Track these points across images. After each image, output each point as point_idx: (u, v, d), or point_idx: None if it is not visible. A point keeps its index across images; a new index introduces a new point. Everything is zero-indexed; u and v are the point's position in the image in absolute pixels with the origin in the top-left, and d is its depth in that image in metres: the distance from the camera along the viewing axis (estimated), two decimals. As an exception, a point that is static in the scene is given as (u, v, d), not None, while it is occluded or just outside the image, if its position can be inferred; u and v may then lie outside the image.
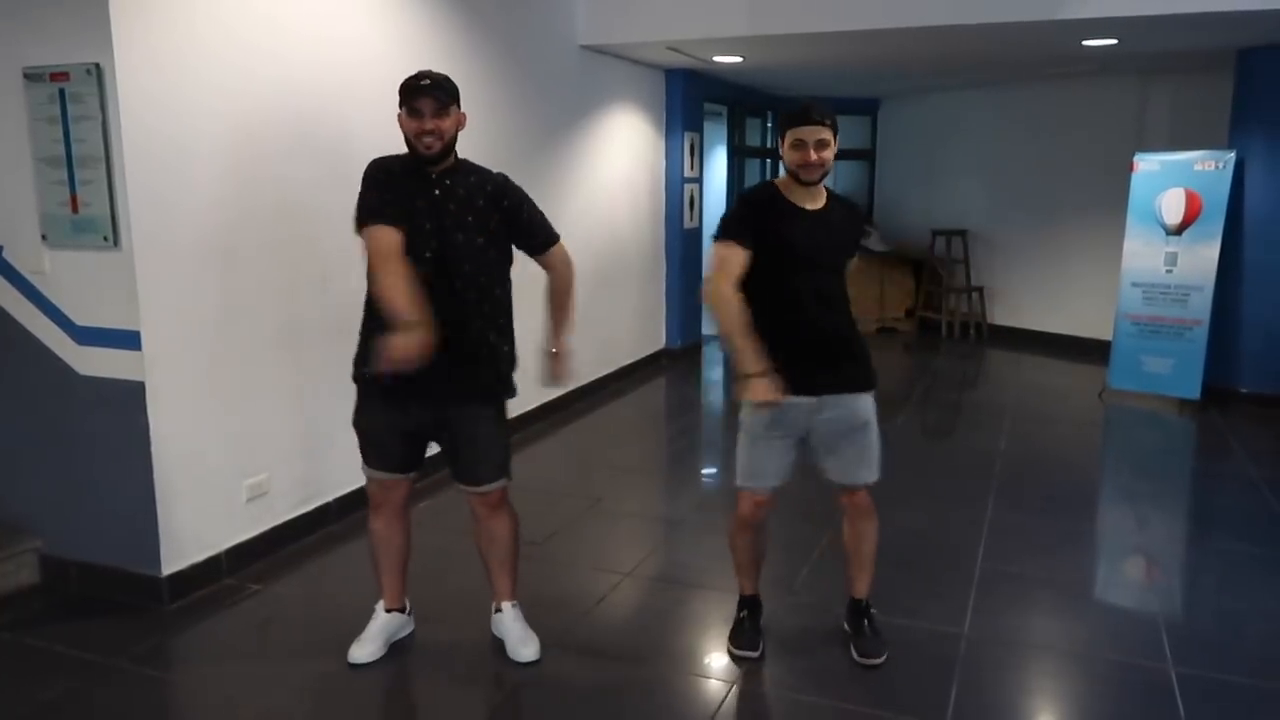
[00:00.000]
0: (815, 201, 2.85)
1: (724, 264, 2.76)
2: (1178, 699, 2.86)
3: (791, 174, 2.80)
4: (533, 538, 4.07)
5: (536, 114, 5.72)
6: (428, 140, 2.67)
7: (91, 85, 3.10)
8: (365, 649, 3.00)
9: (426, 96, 2.66)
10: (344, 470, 3.76)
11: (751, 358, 2.67)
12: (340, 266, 2.88)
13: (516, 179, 5.75)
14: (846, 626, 3.17)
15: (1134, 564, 4.12)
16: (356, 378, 2.86)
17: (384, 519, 3.00)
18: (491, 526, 3.00)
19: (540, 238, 2.93)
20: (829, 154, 2.75)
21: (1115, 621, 3.51)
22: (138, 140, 3.14)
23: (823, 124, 2.72)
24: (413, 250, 2.66)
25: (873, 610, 3.14)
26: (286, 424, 3.81)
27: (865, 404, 2.91)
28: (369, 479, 2.95)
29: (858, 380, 2.91)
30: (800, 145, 2.72)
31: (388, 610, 3.07)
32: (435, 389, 2.75)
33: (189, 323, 3.37)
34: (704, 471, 5.42)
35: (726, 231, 2.80)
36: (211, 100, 3.39)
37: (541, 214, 2.94)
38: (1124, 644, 3.24)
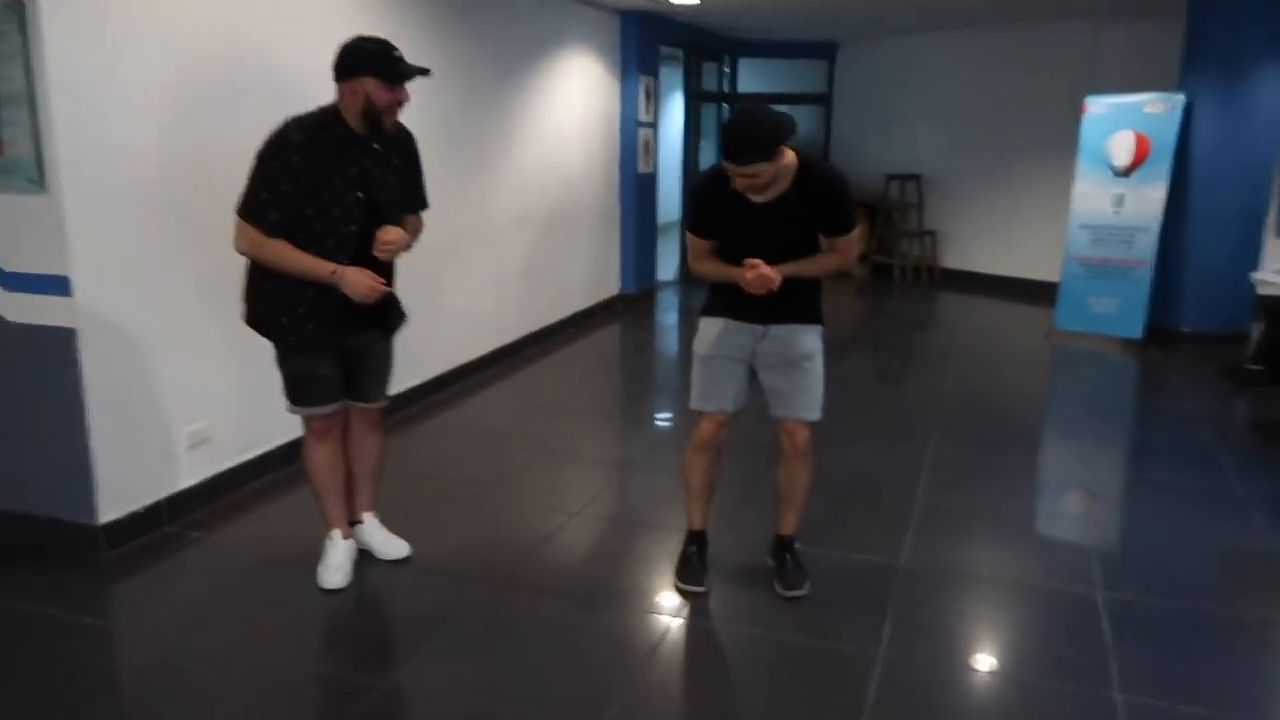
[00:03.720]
0: (770, 190, 2.75)
1: (694, 249, 3.00)
2: (1102, 620, 2.96)
3: None
4: (479, 479, 4.10)
5: (488, 57, 5.61)
6: (397, 113, 2.82)
7: (12, 21, 2.98)
8: (337, 575, 3.11)
9: (409, 74, 2.76)
10: (289, 417, 3.72)
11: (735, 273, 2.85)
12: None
13: (466, 124, 5.69)
14: (770, 560, 3.23)
15: (1070, 497, 4.23)
16: (279, 329, 2.92)
17: (329, 446, 3.08)
18: (370, 441, 3.21)
19: (420, 199, 3.14)
20: (763, 177, 2.65)
21: (1048, 551, 3.61)
22: (65, 80, 3.03)
23: (745, 163, 2.61)
24: (333, 227, 2.79)
25: (796, 545, 3.20)
26: (227, 371, 3.77)
27: (806, 337, 2.95)
28: (314, 417, 3.02)
29: (798, 313, 2.94)
30: (733, 173, 2.69)
31: (345, 537, 3.17)
32: (360, 321, 2.94)
33: (123, 269, 3.29)
34: (658, 416, 5.45)
35: (689, 225, 3.01)
36: (147, 42, 3.29)
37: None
38: (1055, 572, 3.34)
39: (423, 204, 3.14)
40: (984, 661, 2.81)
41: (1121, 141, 6.73)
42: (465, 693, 2.60)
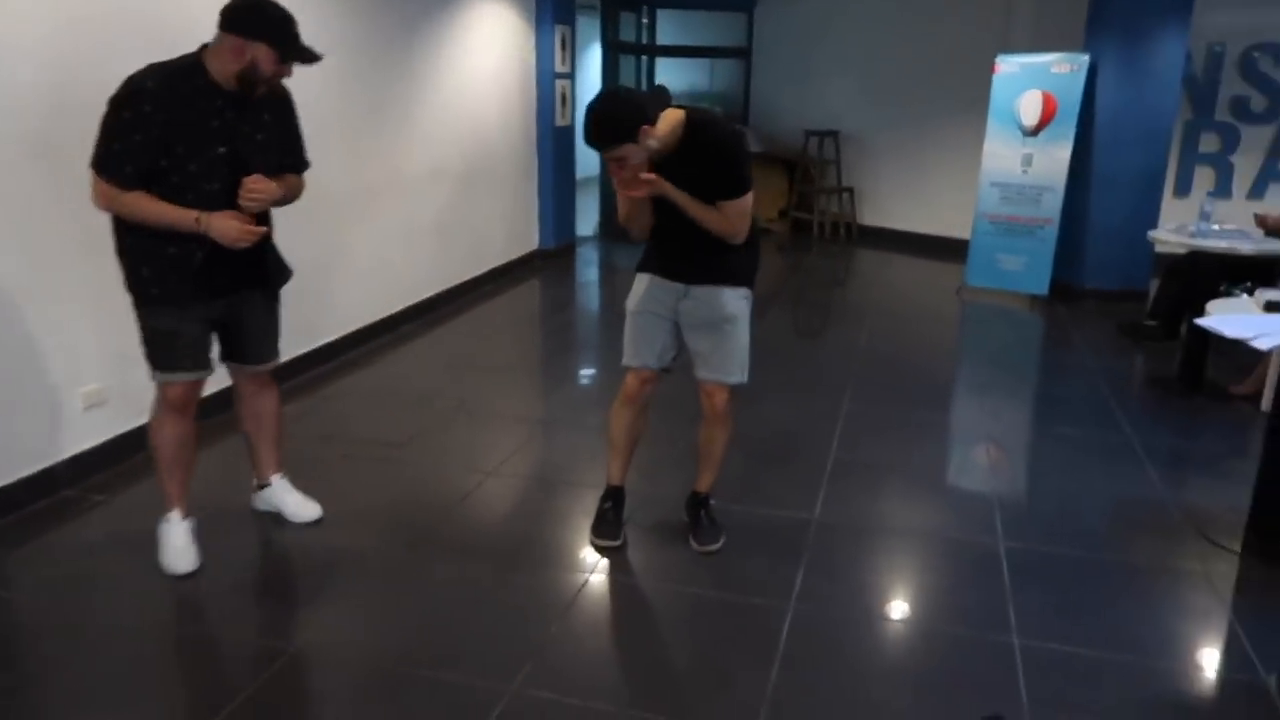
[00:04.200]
0: (660, 152, 2.69)
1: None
2: (1004, 569, 3.07)
3: None
4: (393, 439, 4.03)
5: (391, 2, 5.42)
6: (270, 85, 2.67)
7: None
8: (185, 558, 2.91)
9: (306, 57, 2.63)
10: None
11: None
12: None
13: (374, 71, 5.44)
14: (685, 516, 3.27)
15: (977, 450, 4.36)
16: (139, 280, 2.71)
17: (183, 424, 2.87)
18: (264, 401, 3.13)
19: (299, 158, 2.97)
20: (633, 159, 2.60)
21: (954, 503, 3.71)
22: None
23: (607, 148, 2.58)
24: (193, 183, 2.61)
25: (711, 501, 3.24)
26: (122, 330, 3.56)
27: (730, 299, 2.94)
28: (176, 384, 2.80)
29: (722, 274, 2.92)
30: (605, 158, 2.66)
31: (184, 517, 2.96)
32: (234, 279, 2.79)
33: (3, 222, 3.11)
34: (580, 373, 5.43)
35: None
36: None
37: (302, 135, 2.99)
38: (960, 523, 3.45)
39: (302, 163, 2.96)
40: (891, 610, 2.89)
41: (1030, 101, 6.87)
42: (376, 654, 2.57)
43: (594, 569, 3.05)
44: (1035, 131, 6.85)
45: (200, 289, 2.72)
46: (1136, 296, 6.88)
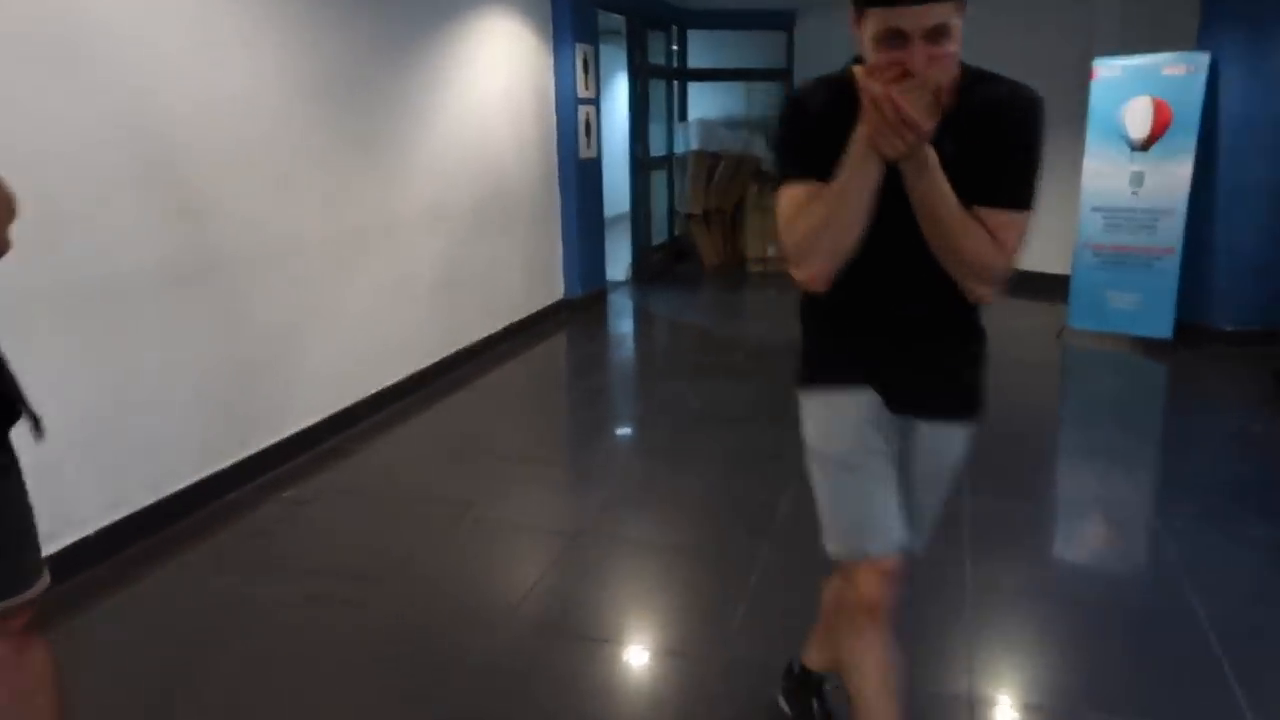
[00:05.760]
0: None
1: (789, 211, 1.58)
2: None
3: None
4: (371, 570, 3.00)
5: (385, 15, 4.48)
6: None
7: None
8: None
9: None
10: (90, 500, 2.64)
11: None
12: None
13: (361, 95, 4.45)
14: (783, 704, 2.20)
15: (1161, 565, 3.24)
16: None
17: None
18: (24, 672, 1.65)
19: None
20: (953, 48, 1.42)
21: (1163, 665, 2.58)
22: None
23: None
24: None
25: (826, 686, 2.17)
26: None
27: (964, 441, 1.77)
28: None
29: (963, 398, 1.75)
30: (894, 38, 1.41)
31: None
32: None
33: None
34: (622, 455, 4.38)
35: (786, 166, 1.63)
36: None
37: None
38: (1185, 702, 2.35)
39: None
40: None
41: (1138, 110, 5.80)
42: None
43: (655, 810, 1.98)
44: (1146, 145, 5.77)
45: None
46: (1277, 338, 5.74)
